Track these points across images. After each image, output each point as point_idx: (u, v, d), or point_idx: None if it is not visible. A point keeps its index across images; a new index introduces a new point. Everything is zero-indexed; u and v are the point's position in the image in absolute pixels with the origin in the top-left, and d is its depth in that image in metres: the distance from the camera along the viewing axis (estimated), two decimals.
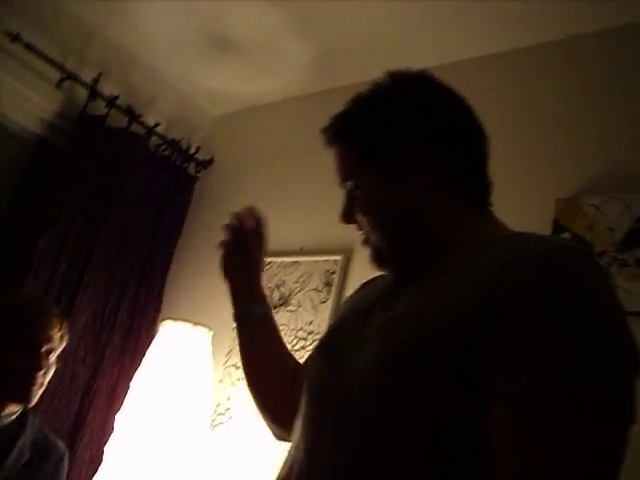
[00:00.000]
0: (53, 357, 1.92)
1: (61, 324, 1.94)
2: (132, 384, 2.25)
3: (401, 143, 1.07)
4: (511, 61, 2.39)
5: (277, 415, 1.31)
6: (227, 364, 2.52)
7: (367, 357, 0.97)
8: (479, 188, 1.11)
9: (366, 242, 1.12)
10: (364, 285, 1.30)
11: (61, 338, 1.94)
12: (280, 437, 1.30)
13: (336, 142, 1.13)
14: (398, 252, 1.09)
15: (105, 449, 2.19)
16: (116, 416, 2.23)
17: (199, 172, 3.12)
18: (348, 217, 1.13)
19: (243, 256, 1.36)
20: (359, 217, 1.11)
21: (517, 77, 2.35)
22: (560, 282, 0.85)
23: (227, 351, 2.54)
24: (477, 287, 0.90)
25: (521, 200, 2.15)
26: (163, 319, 2.65)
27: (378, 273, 1.22)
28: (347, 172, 1.12)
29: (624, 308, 0.92)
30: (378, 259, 1.12)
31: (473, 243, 1.01)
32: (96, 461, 2.28)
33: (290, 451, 1.05)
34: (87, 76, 2.76)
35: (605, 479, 0.79)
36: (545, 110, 2.23)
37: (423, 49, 2.51)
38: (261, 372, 1.35)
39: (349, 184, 1.11)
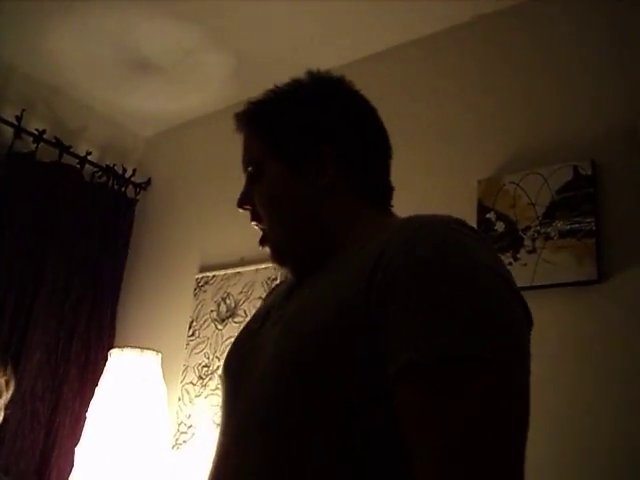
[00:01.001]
0: (0, 403, 1.93)
1: (4, 369, 1.96)
2: (87, 416, 2.26)
3: (311, 139, 1.10)
4: (429, 45, 2.43)
5: None
6: (184, 382, 2.55)
7: (262, 364, 0.99)
8: (380, 191, 1.14)
9: (264, 240, 1.13)
10: (268, 295, 1.32)
11: (6, 383, 1.96)
12: None
13: (247, 127, 1.14)
14: (296, 247, 1.10)
15: None
16: (76, 449, 2.23)
17: (138, 194, 3.14)
18: (245, 202, 1.14)
19: None
20: (258, 207, 1.11)
21: (434, 61, 2.39)
22: (433, 255, 0.86)
23: (182, 369, 2.57)
24: (358, 274, 0.91)
25: (445, 185, 2.20)
26: (117, 345, 2.67)
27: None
28: (252, 158, 1.13)
29: (505, 272, 0.92)
30: (277, 256, 1.12)
31: (369, 234, 1.02)
32: None
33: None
34: (10, 114, 2.75)
35: (511, 439, 0.80)
36: (461, 95, 2.27)
37: (339, 48, 2.54)
38: None
39: (251, 169, 1.12)
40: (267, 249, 1.13)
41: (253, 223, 1.14)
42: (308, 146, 1.09)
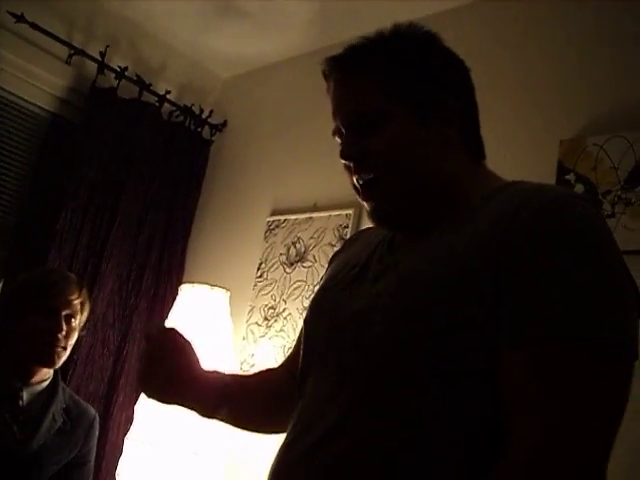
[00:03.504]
0: (75, 322, 2.00)
1: (80, 291, 2.03)
2: None
3: (437, 88, 1.08)
4: (507, 4, 2.36)
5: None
6: (249, 322, 2.60)
7: (372, 312, 1.00)
8: (479, 142, 1.14)
9: (367, 195, 1.07)
10: (351, 241, 1.32)
11: (82, 305, 2.02)
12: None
13: (362, 72, 1.07)
14: (409, 200, 1.06)
15: (135, 409, 2.30)
16: None
17: (214, 135, 3.17)
18: (354, 152, 1.06)
19: (166, 370, 1.21)
20: (376, 157, 1.05)
21: (517, 20, 2.33)
22: (569, 230, 0.89)
23: (248, 309, 2.62)
24: (487, 230, 0.93)
25: (526, 143, 2.16)
26: (186, 282, 2.73)
27: None
28: (367, 106, 1.05)
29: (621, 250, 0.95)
30: (381, 213, 1.08)
31: (478, 192, 1.04)
32: (130, 422, 2.38)
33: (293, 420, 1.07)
34: (95, 50, 2.80)
35: (613, 417, 0.84)
36: (547, 52, 2.21)
37: None
38: (257, 420, 1.37)
39: (367, 117, 1.05)
40: (368, 205, 1.08)
41: (357, 177, 1.07)
42: (435, 95, 1.07)
